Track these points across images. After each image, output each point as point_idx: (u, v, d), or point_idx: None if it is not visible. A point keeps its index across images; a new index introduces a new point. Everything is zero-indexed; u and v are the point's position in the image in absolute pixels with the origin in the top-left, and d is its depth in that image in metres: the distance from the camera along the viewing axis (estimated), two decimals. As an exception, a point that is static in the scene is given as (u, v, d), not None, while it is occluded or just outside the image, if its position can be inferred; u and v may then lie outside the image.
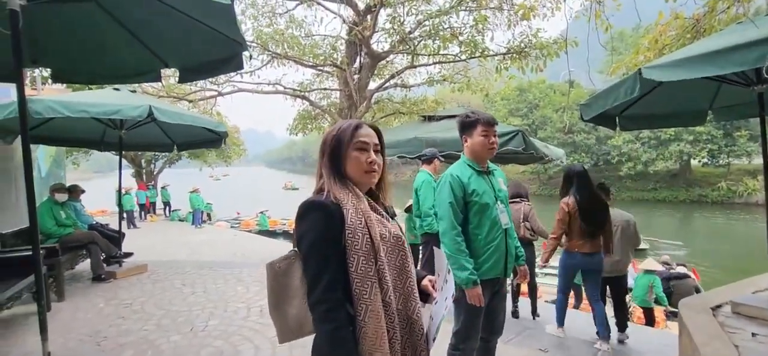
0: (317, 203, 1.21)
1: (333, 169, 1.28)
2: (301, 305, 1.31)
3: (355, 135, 1.29)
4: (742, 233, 20.67)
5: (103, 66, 3.55)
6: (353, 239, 1.18)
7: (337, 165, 1.28)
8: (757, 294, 3.80)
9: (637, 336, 4.42)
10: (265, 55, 6.48)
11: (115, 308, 4.47)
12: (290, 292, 1.33)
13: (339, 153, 1.28)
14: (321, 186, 1.28)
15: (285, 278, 1.33)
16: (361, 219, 1.21)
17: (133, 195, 16.68)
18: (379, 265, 1.20)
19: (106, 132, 6.20)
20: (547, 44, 6.28)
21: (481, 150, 2.36)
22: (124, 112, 4.50)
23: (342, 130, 1.30)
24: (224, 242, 12.30)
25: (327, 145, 1.30)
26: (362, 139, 1.28)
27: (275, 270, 1.34)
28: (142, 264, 6.13)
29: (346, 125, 1.31)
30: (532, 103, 39.79)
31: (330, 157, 1.29)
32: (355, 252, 1.18)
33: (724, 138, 29.96)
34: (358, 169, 1.28)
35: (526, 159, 7.01)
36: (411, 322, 1.25)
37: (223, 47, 3.12)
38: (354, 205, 1.23)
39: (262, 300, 4.71)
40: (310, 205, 1.21)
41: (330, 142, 1.30)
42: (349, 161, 1.28)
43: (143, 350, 3.44)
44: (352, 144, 1.28)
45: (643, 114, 4.64)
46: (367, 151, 1.28)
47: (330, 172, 1.28)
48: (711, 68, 2.80)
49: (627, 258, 4.29)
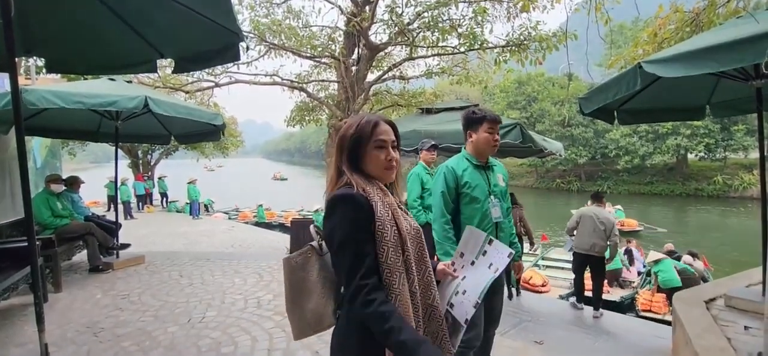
0: (348, 195, 1.22)
1: (353, 166, 1.30)
2: (318, 300, 1.34)
3: (375, 133, 1.30)
4: (736, 227, 20.82)
5: (98, 56, 3.51)
6: (383, 231, 1.20)
7: (357, 162, 1.30)
8: (750, 287, 3.84)
9: (630, 329, 4.46)
10: (262, 45, 6.42)
11: (113, 299, 4.47)
12: (308, 287, 1.36)
13: (358, 151, 1.30)
14: (345, 181, 1.28)
15: (302, 273, 1.36)
16: (389, 212, 1.25)
17: (130, 186, 16.60)
18: (406, 256, 1.23)
19: (102, 123, 6.16)
20: (546, 37, 6.24)
21: (485, 146, 2.42)
22: (120, 103, 4.46)
23: (361, 128, 1.30)
24: (222, 233, 12.30)
25: (346, 142, 1.31)
26: (381, 137, 1.30)
27: (292, 265, 1.37)
28: (139, 256, 6.12)
29: (364, 122, 1.31)
30: (530, 96, 39.70)
31: (349, 154, 1.30)
32: (385, 244, 1.19)
33: (721, 132, 30.02)
34: (378, 167, 1.31)
35: (524, 152, 7.01)
36: (431, 309, 1.30)
37: (220, 37, 3.09)
38: (380, 198, 1.25)
39: (260, 291, 4.72)
40: (341, 198, 1.22)
41: (349, 140, 1.31)
42: (369, 158, 1.30)
43: (141, 341, 3.44)
44: (371, 142, 1.30)
45: (641, 108, 4.64)
46: (386, 148, 1.31)
47: (351, 168, 1.30)
48: (712, 64, 2.79)
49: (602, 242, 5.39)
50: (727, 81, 3.78)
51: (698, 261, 8.81)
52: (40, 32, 3.10)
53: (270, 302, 4.35)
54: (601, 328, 4.09)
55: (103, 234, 5.64)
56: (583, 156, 36.23)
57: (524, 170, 42.44)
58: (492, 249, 1.41)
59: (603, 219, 5.52)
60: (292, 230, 7.93)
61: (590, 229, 5.51)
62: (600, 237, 5.42)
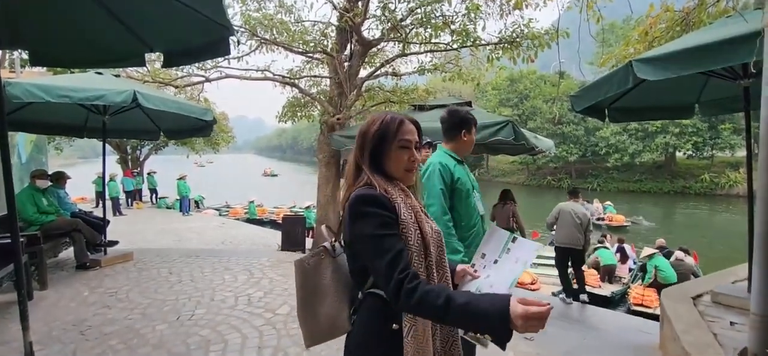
0: (372, 196, 1.17)
1: (374, 165, 1.25)
2: (333, 303, 1.28)
3: (400, 132, 1.25)
4: (723, 224, 21.17)
5: (84, 49, 3.43)
6: (407, 234, 1.16)
7: (378, 161, 1.25)
8: (736, 284, 3.90)
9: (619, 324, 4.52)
10: (253, 40, 6.34)
11: (100, 296, 4.40)
12: (321, 290, 1.30)
13: (381, 149, 1.25)
14: (365, 180, 1.22)
15: (315, 276, 1.31)
16: (412, 215, 1.20)
17: (119, 182, 16.38)
18: (429, 260, 1.19)
19: (89, 118, 6.05)
20: (538, 35, 6.24)
21: (470, 147, 2.59)
22: (107, 97, 4.39)
23: (385, 126, 1.25)
24: (212, 230, 12.21)
25: (368, 140, 1.25)
26: (406, 137, 1.25)
27: (305, 267, 1.32)
28: (127, 252, 6.03)
29: (389, 120, 1.26)
30: (522, 94, 39.93)
31: (371, 152, 1.25)
32: (409, 249, 1.15)
33: (709, 131, 30.48)
34: (400, 168, 1.26)
35: (515, 149, 7.05)
36: None
37: (210, 31, 3.04)
38: (403, 200, 1.21)
39: (250, 288, 4.69)
40: (365, 198, 1.16)
41: (372, 138, 1.25)
42: (391, 158, 1.25)
43: (128, 339, 3.39)
44: (395, 141, 1.24)
45: (632, 106, 4.69)
46: (410, 149, 1.26)
47: (371, 168, 1.24)
48: (702, 63, 2.83)
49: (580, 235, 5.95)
50: (716, 80, 3.83)
51: (689, 257, 9.00)
52: (24, 24, 3.03)
53: (260, 299, 4.32)
54: (589, 324, 4.13)
55: (90, 231, 5.55)
56: (573, 153, 36.55)
57: (516, 167, 42.71)
58: (516, 246, 1.39)
59: (579, 215, 6.00)
60: (283, 227, 7.90)
61: (569, 223, 5.98)
62: (578, 230, 5.92)
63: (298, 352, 3.16)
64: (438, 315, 1.05)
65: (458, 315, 1.02)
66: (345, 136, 6.24)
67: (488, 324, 1.00)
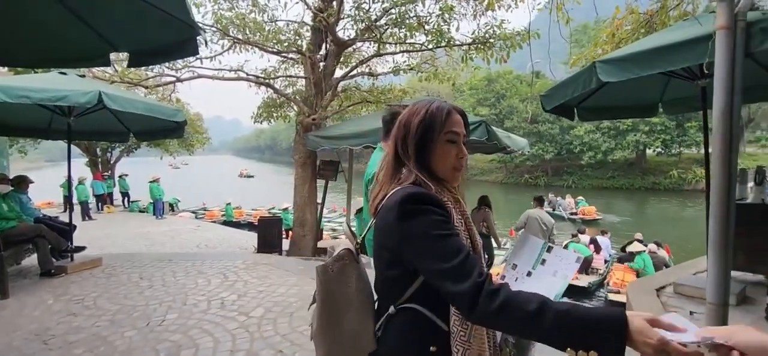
0: (427, 194, 1.01)
1: (419, 161, 1.07)
2: (357, 316, 1.10)
3: (448, 123, 1.07)
4: (690, 218, 22.06)
5: (45, 48, 3.31)
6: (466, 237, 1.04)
7: (423, 157, 1.07)
8: (697, 275, 4.07)
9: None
10: (225, 40, 6.24)
11: (65, 304, 4.24)
12: (346, 301, 1.11)
13: (427, 142, 1.06)
14: (411, 179, 1.06)
15: (339, 284, 1.12)
16: (463, 223, 1.07)
17: (88, 185, 15.81)
18: None
19: (54, 119, 5.83)
20: (510, 35, 6.38)
21: None
22: (71, 98, 4.24)
23: (432, 115, 1.07)
24: (187, 233, 11.94)
25: (412, 130, 1.07)
26: (455, 129, 1.08)
27: (328, 274, 1.13)
28: (96, 258, 5.84)
29: (436, 109, 1.08)
30: (499, 93, 40.59)
31: (417, 145, 1.07)
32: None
33: (677, 129, 31.72)
34: (447, 165, 1.08)
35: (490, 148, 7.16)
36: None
37: (176, 31, 2.98)
38: (452, 205, 1.06)
39: (224, 292, 4.61)
40: (419, 196, 0.99)
41: (417, 128, 1.06)
42: (438, 154, 1.07)
43: (95, 346, 3.29)
44: (443, 133, 1.06)
45: (599, 106, 4.83)
46: (458, 143, 1.09)
47: (418, 164, 1.07)
48: (660, 64, 2.94)
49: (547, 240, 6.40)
50: (677, 80, 3.99)
51: (662, 250, 9.42)
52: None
53: (234, 303, 4.25)
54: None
55: (55, 237, 5.35)
56: (549, 152, 37.40)
57: (494, 166, 43.39)
58: (552, 257, 1.24)
59: (545, 221, 6.72)
60: (259, 229, 7.81)
61: (536, 229, 6.68)
62: (544, 235, 6.53)
63: (271, 355, 3.13)
64: (529, 322, 0.83)
65: (558, 324, 0.81)
66: (321, 137, 6.21)
67: (599, 336, 0.78)
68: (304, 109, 6.77)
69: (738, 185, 3.83)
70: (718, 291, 2.71)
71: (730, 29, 2.50)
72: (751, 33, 2.47)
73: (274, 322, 3.73)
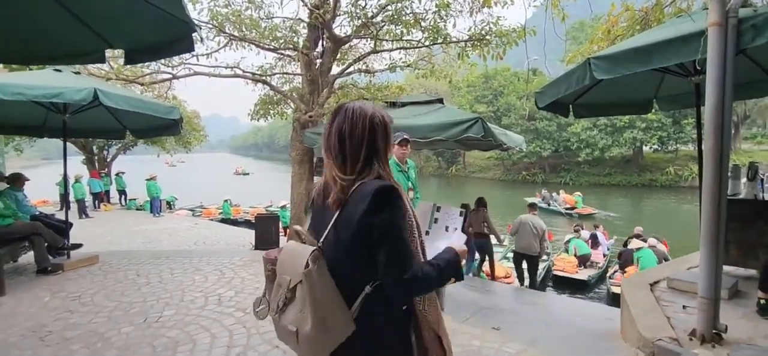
0: (394, 189, 1.17)
1: (383, 157, 1.24)
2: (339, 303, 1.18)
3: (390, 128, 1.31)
4: (686, 214, 22.15)
5: (39, 45, 3.29)
6: (412, 228, 1.21)
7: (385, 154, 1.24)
8: (690, 270, 4.11)
9: (584, 312, 4.69)
10: (221, 37, 6.22)
11: (62, 301, 4.25)
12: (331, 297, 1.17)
13: (387, 142, 1.25)
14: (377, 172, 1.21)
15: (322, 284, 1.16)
16: (410, 209, 1.24)
17: (85, 183, 15.75)
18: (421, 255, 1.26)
19: (49, 116, 5.82)
20: (507, 32, 6.38)
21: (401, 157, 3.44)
22: (66, 95, 4.23)
23: (388, 120, 1.26)
24: (184, 231, 11.94)
25: (379, 129, 1.22)
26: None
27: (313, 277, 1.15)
28: (93, 255, 5.84)
29: (385, 114, 1.27)
30: (497, 91, 40.59)
31: (382, 143, 1.23)
32: (413, 241, 1.20)
33: (673, 125, 31.79)
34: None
35: (486, 145, 7.18)
36: None
37: (172, 28, 2.98)
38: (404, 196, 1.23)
39: (221, 288, 4.63)
40: (390, 191, 1.15)
41: (383, 127, 1.23)
42: (391, 152, 1.31)
43: (91, 343, 3.30)
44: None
45: (594, 102, 4.85)
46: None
47: (382, 160, 1.23)
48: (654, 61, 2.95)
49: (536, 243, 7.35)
50: (671, 76, 4.01)
51: (661, 245, 9.54)
52: (-29, 18, 2.89)
53: (231, 299, 4.27)
54: (555, 312, 4.27)
55: (51, 234, 5.34)
56: (547, 149, 37.45)
57: (492, 163, 43.44)
58: (442, 214, 1.44)
59: (536, 226, 7.36)
60: (256, 226, 7.81)
61: (528, 234, 7.34)
62: (535, 239, 7.31)
63: (267, 350, 3.15)
64: (435, 282, 1.19)
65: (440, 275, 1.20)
66: (317, 133, 6.20)
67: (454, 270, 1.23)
68: (301, 106, 6.77)
69: (731, 181, 3.87)
70: (709, 285, 2.75)
71: (721, 26, 2.53)
72: (742, 30, 2.49)
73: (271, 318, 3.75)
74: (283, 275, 1.23)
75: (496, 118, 37.69)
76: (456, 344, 3.31)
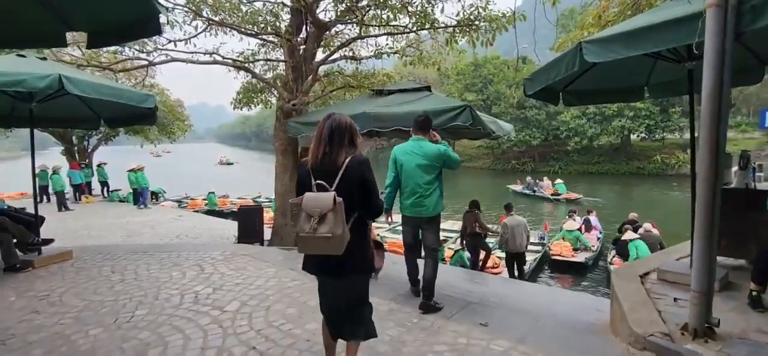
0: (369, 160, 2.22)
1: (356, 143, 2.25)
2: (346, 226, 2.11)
3: None
4: (674, 202, 22.42)
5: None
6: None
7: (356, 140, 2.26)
8: (680, 260, 4.03)
9: (574, 304, 4.60)
10: (199, 21, 5.93)
11: (29, 301, 4.03)
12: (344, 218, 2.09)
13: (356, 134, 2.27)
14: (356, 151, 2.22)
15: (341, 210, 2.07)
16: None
17: (64, 174, 15.28)
18: None
19: (16, 105, 5.51)
20: (496, 17, 6.22)
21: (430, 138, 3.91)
22: (28, 82, 3.96)
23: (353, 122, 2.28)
24: (168, 223, 11.65)
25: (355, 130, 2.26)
26: None
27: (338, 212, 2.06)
28: (66, 251, 5.60)
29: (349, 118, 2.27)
30: (486, 79, 40.42)
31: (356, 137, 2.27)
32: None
33: (661, 114, 32.04)
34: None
35: (475, 134, 7.02)
36: None
37: (138, 8, 2.77)
38: None
39: (198, 285, 4.44)
40: (369, 162, 2.21)
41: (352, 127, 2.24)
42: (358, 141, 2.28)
43: (56, 347, 3.11)
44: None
45: (585, 89, 4.71)
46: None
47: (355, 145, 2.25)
48: (647, 44, 2.81)
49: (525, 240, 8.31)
50: (664, 62, 3.88)
51: (655, 230, 9.63)
52: None
53: (208, 296, 4.08)
54: (544, 305, 4.17)
55: (19, 229, 5.08)
56: (536, 137, 37.55)
57: (482, 152, 43.48)
58: None
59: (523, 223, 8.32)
60: (239, 218, 7.60)
61: (519, 234, 8.17)
62: (525, 236, 8.25)
63: (244, 352, 2.98)
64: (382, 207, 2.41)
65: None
66: (302, 123, 5.98)
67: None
68: (284, 94, 6.53)
69: (723, 170, 3.77)
70: (702, 279, 2.64)
71: (720, 6, 2.38)
72: (742, 11, 2.35)
73: (250, 317, 3.58)
74: (314, 209, 2.04)
75: (486, 106, 37.59)
76: (442, 342, 3.19)
